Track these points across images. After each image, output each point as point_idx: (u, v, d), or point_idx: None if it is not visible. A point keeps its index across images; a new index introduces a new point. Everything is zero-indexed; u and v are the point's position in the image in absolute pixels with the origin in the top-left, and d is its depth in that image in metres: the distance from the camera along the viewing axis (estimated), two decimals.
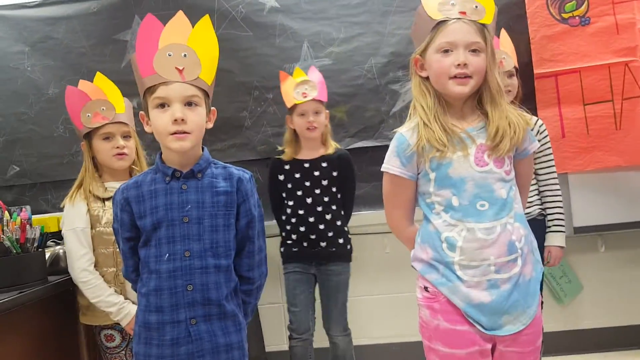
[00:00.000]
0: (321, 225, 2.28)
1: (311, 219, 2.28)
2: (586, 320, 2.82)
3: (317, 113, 2.26)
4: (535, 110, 2.58)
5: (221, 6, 2.82)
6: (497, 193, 1.33)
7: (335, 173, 2.31)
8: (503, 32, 2.43)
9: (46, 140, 2.94)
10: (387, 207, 1.49)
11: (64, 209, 1.91)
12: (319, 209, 2.28)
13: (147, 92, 1.33)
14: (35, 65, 2.93)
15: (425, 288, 1.38)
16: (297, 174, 2.31)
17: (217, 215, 1.36)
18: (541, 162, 2.19)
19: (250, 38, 2.82)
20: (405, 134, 1.39)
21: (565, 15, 2.56)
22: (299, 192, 2.31)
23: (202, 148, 1.42)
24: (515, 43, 2.42)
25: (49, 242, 2.16)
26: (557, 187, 2.20)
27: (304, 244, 2.30)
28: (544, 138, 2.19)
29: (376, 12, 2.78)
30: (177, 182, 1.37)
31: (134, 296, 1.58)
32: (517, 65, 2.30)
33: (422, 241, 1.40)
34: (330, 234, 2.29)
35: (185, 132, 1.30)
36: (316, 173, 2.29)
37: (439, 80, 1.36)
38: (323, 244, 2.28)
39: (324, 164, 2.30)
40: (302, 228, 2.29)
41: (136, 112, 1.65)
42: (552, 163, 2.20)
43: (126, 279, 1.50)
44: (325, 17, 2.80)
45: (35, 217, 2.09)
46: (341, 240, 2.31)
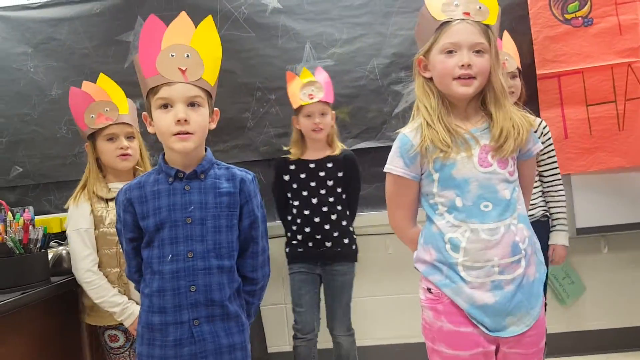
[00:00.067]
0: (326, 225, 2.28)
1: (316, 219, 2.28)
2: (589, 322, 2.82)
3: (323, 114, 2.26)
4: (538, 111, 2.58)
5: (223, 7, 2.83)
6: (500, 194, 1.33)
7: (340, 174, 2.31)
8: (505, 34, 2.43)
9: (49, 141, 2.94)
10: (389, 208, 1.48)
11: (68, 210, 1.92)
12: (325, 209, 2.28)
13: (150, 93, 1.33)
14: (38, 67, 2.94)
15: (429, 289, 1.37)
16: (302, 174, 2.31)
17: (220, 216, 1.36)
18: (545, 164, 2.22)
19: (253, 39, 2.82)
20: (409, 134, 1.38)
21: (568, 16, 2.56)
22: (305, 193, 2.31)
23: (205, 149, 1.41)
24: (517, 44, 2.42)
25: (51, 243, 2.17)
26: (561, 187, 2.23)
27: (310, 244, 2.30)
28: (547, 140, 2.20)
29: (378, 13, 2.78)
30: (180, 183, 1.36)
31: (137, 296, 1.58)
32: (520, 67, 2.30)
33: (425, 242, 1.40)
34: (335, 234, 2.29)
35: (188, 133, 1.30)
36: (322, 173, 2.30)
37: (442, 81, 1.36)
38: (328, 244, 2.28)
39: (330, 165, 2.30)
40: (307, 228, 2.30)
41: (139, 113, 1.65)
42: (555, 165, 2.22)
43: (129, 280, 1.50)
44: (327, 18, 2.80)
45: (38, 217, 2.09)
46: (346, 241, 2.31)
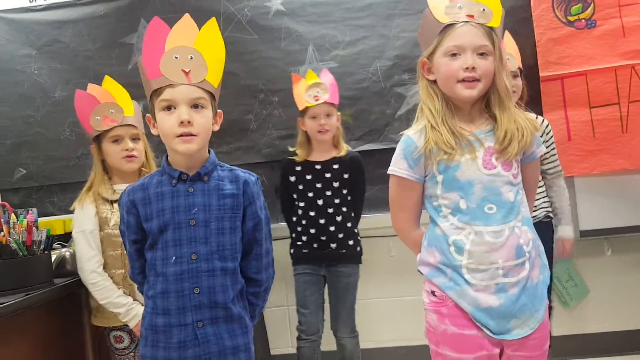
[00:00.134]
0: (332, 227, 2.28)
1: (322, 221, 2.28)
2: (592, 325, 2.81)
3: (328, 116, 2.26)
4: (541, 113, 2.58)
5: (227, 9, 2.83)
6: (504, 196, 1.33)
7: (346, 175, 2.31)
8: (506, 33, 2.42)
9: (52, 143, 2.95)
10: (393, 210, 1.48)
11: (74, 211, 1.92)
12: (330, 210, 2.29)
13: (153, 95, 1.33)
14: (42, 69, 2.95)
15: (433, 292, 1.37)
16: (308, 176, 2.32)
17: (223, 218, 1.36)
18: (548, 162, 2.24)
19: (256, 41, 2.83)
20: (413, 136, 1.38)
21: (571, 18, 2.56)
22: (310, 194, 2.31)
23: (209, 150, 1.42)
24: (521, 46, 2.41)
25: (55, 245, 2.17)
26: (564, 182, 2.28)
27: (314, 246, 2.30)
28: (550, 138, 2.23)
29: (381, 15, 2.78)
30: (184, 185, 1.36)
31: (142, 297, 1.58)
32: (521, 66, 2.30)
33: (429, 245, 1.39)
34: (340, 235, 2.29)
35: (192, 135, 1.30)
36: (327, 175, 2.30)
37: (447, 83, 1.36)
38: (333, 245, 2.28)
39: (336, 166, 2.31)
40: (312, 230, 2.30)
41: (144, 115, 1.66)
42: (558, 162, 2.26)
43: (132, 281, 1.50)
44: (330, 20, 2.80)
45: (41, 219, 2.09)
46: (351, 242, 2.31)
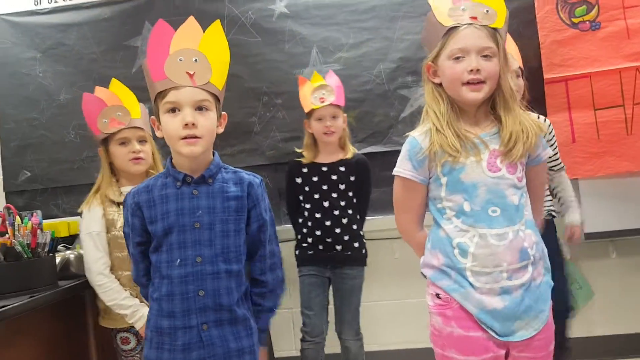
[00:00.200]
0: (337, 229, 2.28)
1: (327, 223, 2.28)
2: (598, 327, 2.79)
3: (334, 117, 2.26)
4: (545, 115, 2.57)
5: (230, 12, 2.84)
6: (509, 199, 1.32)
7: (352, 178, 2.31)
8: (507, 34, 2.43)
9: (57, 145, 2.96)
10: (397, 211, 1.48)
11: (81, 214, 1.93)
12: (336, 212, 2.28)
13: (158, 97, 1.33)
14: (46, 72, 2.96)
15: (437, 295, 1.36)
16: (314, 177, 2.32)
17: (228, 220, 1.36)
18: (552, 160, 2.26)
19: (260, 44, 2.83)
20: (418, 137, 1.38)
21: (576, 20, 2.55)
22: (316, 196, 2.31)
23: (213, 153, 1.41)
24: (524, 48, 2.41)
25: (59, 247, 2.17)
26: (566, 175, 2.32)
27: (320, 247, 2.30)
28: (552, 138, 2.26)
29: (385, 17, 2.79)
30: (188, 188, 1.36)
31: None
32: (522, 66, 2.30)
33: (433, 247, 1.39)
34: (346, 237, 2.29)
35: (196, 137, 1.30)
36: (334, 177, 2.30)
37: (452, 86, 1.35)
38: (339, 247, 2.28)
39: (342, 168, 2.31)
40: (318, 231, 2.30)
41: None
42: (560, 159, 2.29)
43: (136, 283, 1.50)
44: (334, 23, 2.81)
45: (45, 221, 2.10)
46: (356, 244, 2.31)
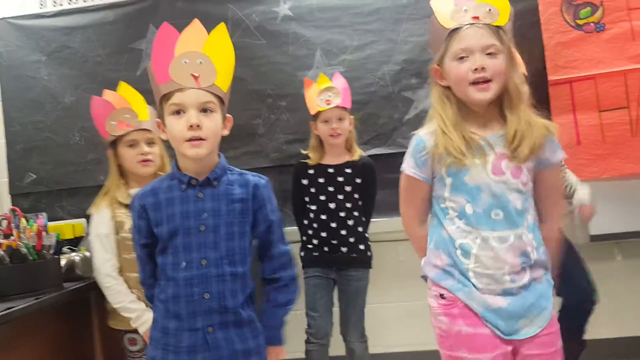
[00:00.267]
0: (343, 230, 2.28)
1: (333, 224, 2.28)
2: (603, 330, 2.78)
3: (340, 120, 2.26)
4: (550, 117, 2.56)
5: (235, 15, 2.85)
6: (512, 203, 1.32)
7: (358, 180, 2.31)
8: None
9: (62, 148, 2.97)
10: (401, 205, 1.50)
11: (90, 216, 1.94)
12: (342, 214, 2.28)
13: (163, 99, 1.34)
14: (51, 74, 2.98)
15: (441, 295, 1.36)
16: (321, 179, 2.32)
17: (233, 223, 1.36)
18: None
19: (264, 46, 2.84)
20: (423, 137, 1.38)
21: (580, 22, 2.55)
22: (322, 197, 2.31)
23: (219, 155, 1.42)
24: (529, 50, 2.40)
25: (64, 249, 2.18)
26: (568, 169, 2.34)
27: (325, 249, 2.30)
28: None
29: (389, 20, 2.79)
30: (194, 190, 1.37)
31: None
32: (526, 73, 2.28)
33: (436, 247, 1.39)
34: (351, 239, 2.29)
35: (201, 139, 1.30)
36: (340, 179, 2.30)
37: (459, 87, 1.35)
38: (344, 249, 2.28)
39: (348, 170, 2.31)
40: (323, 233, 2.30)
41: None
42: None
43: (142, 284, 1.49)
44: (338, 25, 2.81)
45: (50, 224, 2.11)
46: (362, 246, 2.31)
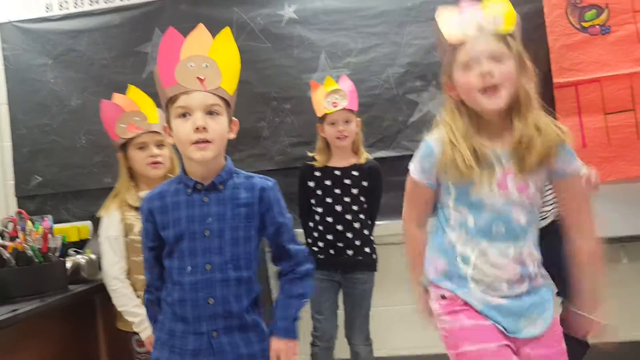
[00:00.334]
0: (349, 233, 2.28)
1: (339, 227, 2.28)
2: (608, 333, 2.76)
3: (347, 122, 2.26)
4: (555, 120, 2.56)
5: (239, 18, 2.86)
6: (515, 218, 1.32)
7: (365, 183, 2.30)
8: None
9: (68, 150, 2.99)
10: (404, 203, 1.50)
11: (100, 218, 1.95)
12: (348, 217, 2.28)
13: (169, 103, 1.34)
14: (58, 77, 3.00)
15: (442, 296, 1.38)
16: (327, 181, 2.31)
17: (238, 228, 1.36)
18: None
19: (269, 49, 2.85)
20: (432, 143, 1.37)
21: (585, 24, 2.54)
22: (329, 199, 2.30)
23: (225, 157, 1.41)
24: (534, 52, 2.39)
25: (69, 252, 2.19)
26: None
27: (331, 252, 2.29)
28: None
29: (393, 22, 2.79)
30: (199, 195, 1.37)
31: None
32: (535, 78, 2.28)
33: (437, 251, 1.41)
34: (357, 242, 2.28)
35: (207, 141, 1.30)
36: (347, 181, 2.29)
37: (469, 97, 1.32)
38: (350, 252, 2.28)
39: (355, 173, 2.30)
40: (329, 236, 2.29)
41: None
42: None
43: (151, 287, 1.46)
44: (342, 28, 2.82)
45: (56, 226, 2.12)
46: (367, 249, 2.31)
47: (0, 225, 1.95)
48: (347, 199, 2.29)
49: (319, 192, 2.33)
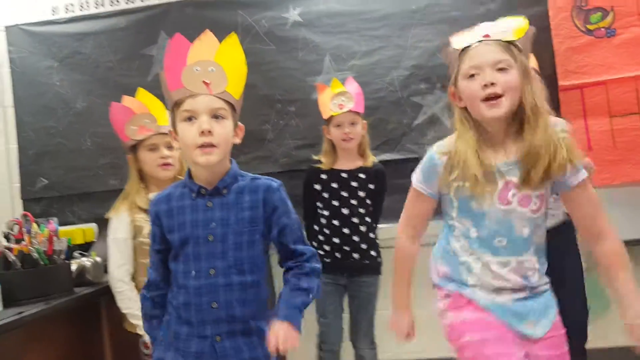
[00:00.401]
0: (355, 236, 2.27)
1: (345, 230, 2.27)
2: (614, 338, 2.75)
3: (353, 124, 2.25)
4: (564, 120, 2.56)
5: (244, 21, 2.87)
6: (517, 231, 1.32)
7: (372, 186, 2.29)
8: None
9: (73, 153, 3.00)
10: (402, 213, 1.51)
11: (109, 220, 1.96)
12: (355, 220, 2.27)
13: (175, 107, 1.34)
14: (63, 80, 3.01)
15: (447, 295, 1.40)
16: (334, 184, 2.30)
17: (241, 232, 1.35)
18: None
19: (273, 52, 2.85)
20: (437, 154, 1.38)
21: (591, 27, 2.54)
22: (335, 202, 2.29)
23: (230, 160, 1.41)
24: (539, 55, 2.39)
25: (75, 254, 2.20)
26: None
27: (337, 255, 2.28)
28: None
29: (397, 25, 2.79)
30: (203, 199, 1.37)
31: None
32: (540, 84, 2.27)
33: (443, 258, 1.43)
34: (363, 245, 2.28)
35: (212, 145, 1.31)
36: (354, 184, 2.28)
37: (472, 106, 1.32)
38: (356, 255, 2.27)
39: (362, 175, 2.29)
40: (335, 239, 2.28)
41: None
42: None
43: (155, 288, 1.46)
44: (347, 31, 2.82)
45: (62, 228, 2.13)
46: (373, 253, 2.30)
47: (5, 228, 1.96)
48: (353, 202, 2.28)
49: (325, 194, 2.32)
